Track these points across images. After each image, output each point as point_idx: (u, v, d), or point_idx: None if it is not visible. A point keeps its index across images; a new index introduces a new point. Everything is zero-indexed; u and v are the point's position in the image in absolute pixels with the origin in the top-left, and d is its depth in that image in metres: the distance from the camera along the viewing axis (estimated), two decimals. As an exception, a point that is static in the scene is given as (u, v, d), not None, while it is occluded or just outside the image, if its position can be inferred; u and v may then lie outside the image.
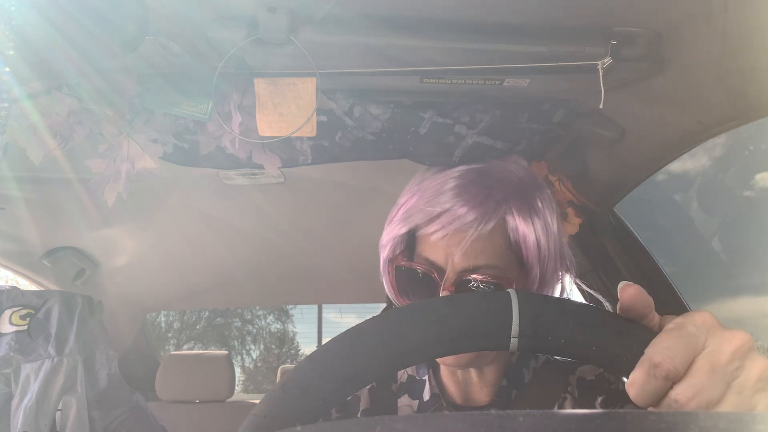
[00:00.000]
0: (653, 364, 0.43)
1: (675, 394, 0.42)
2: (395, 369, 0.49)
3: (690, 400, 0.42)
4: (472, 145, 1.01)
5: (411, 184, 0.91)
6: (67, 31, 0.74)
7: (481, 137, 1.01)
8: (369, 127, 0.99)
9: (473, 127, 0.99)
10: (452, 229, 0.80)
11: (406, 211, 0.86)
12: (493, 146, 1.01)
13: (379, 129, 0.99)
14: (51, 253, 1.83)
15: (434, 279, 0.81)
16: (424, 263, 0.83)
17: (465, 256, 0.80)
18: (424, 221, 0.83)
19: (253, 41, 0.79)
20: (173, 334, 10.83)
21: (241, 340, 11.16)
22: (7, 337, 0.94)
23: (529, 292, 0.49)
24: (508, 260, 0.83)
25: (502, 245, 0.83)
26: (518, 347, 0.47)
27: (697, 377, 0.42)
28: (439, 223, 0.81)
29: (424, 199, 0.85)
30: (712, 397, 0.42)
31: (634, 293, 0.47)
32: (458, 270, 0.80)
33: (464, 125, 0.99)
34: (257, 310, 10.98)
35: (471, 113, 0.99)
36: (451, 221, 0.80)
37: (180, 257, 1.96)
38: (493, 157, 0.98)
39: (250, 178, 1.41)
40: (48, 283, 1.97)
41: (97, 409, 1.00)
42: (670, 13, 0.73)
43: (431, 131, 0.99)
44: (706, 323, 0.45)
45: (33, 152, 0.95)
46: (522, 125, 1.01)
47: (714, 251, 1.80)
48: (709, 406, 0.42)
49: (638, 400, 0.44)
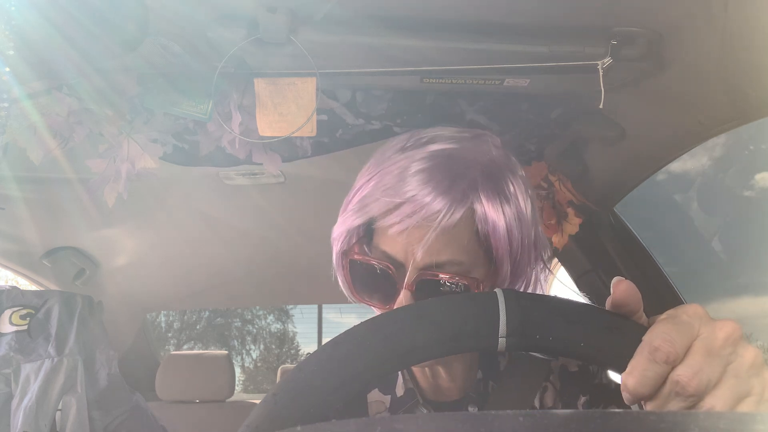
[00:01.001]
0: (653, 348, 0.44)
1: (676, 376, 0.43)
2: (385, 374, 0.49)
3: (691, 380, 0.43)
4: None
5: (369, 165, 0.79)
6: (67, 31, 0.74)
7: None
8: (373, 111, 0.96)
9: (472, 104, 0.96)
10: (413, 222, 0.70)
11: (361, 199, 0.76)
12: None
13: (383, 111, 0.96)
14: (51, 253, 1.83)
15: (392, 276, 0.73)
16: (382, 257, 0.74)
17: (427, 252, 0.71)
18: (382, 212, 0.73)
19: (253, 41, 0.79)
20: (173, 334, 10.83)
21: (241, 340, 11.17)
22: (7, 337, 0.94)
23: (515, 291, 0.49)
24: (476, 255, 0.74)
25: (470, 238, 0.73)
26: (507, 347, 0.47)
27: (696, 359, 0.43)
28: (398, 214, 0.71)
29: (383, 186, 0.74)
30: (711, 378, 0.43)
31: (628, 288, 0.47)
32: (419, 267, 0.72)
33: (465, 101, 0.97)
34: (257, 310, 10.98)
35: (471, 114, 0.99)
36: (411, 213, 0.70)
37: (180, 257, 1.96)
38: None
39: (250, 178, 1.41)
40: (48, 283, 1.97)
41: (97, 409, 1.00)
42: (670, 13, 0.73)
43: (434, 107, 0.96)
44: (698, 313, 0.46)
45: (33, 152, 0.95)
46: (522, 125, 1.01)
47: (714, 251, 1.80)
48: (708, 387, 0.43)
49: (638, 388, 0.44)
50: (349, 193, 0.80)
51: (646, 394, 0.44)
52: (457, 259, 0.73)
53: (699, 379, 0.43)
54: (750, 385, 0.44)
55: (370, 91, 0.95)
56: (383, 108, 0.98)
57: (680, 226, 1.78)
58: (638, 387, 0.44)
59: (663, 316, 0.47)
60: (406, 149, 0.76)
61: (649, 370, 0.44)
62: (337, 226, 0.81)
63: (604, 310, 0.49)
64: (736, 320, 0.46)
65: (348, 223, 0.78)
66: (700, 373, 0.43)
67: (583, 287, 1.43)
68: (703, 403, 0.43)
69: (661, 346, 0.43)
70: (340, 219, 0.80)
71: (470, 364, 0.85)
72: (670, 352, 0.43)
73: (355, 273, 0.79)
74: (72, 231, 1.73)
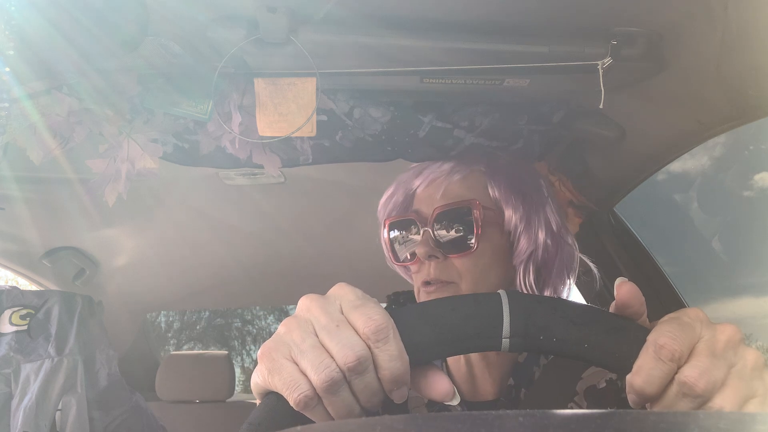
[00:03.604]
0: (659, 346, 0.44)
1: (683, 376, 0.43)
2: None
3: (698, 380, 0.43)
4: (470, 146, 1.01)
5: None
6: (67, 31, 0.74)
7: (480, 138, 1.01)
8: (369, 128, 0.99)
9: (472, 131, 1.00)
10: (431, 177, 0.94)
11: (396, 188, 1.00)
12: (489, 145, 1.01)
13: (378, 131, 0.99)
14: (51, 253, 1.83)
15: (416, 222, 0.93)
16: (412, 214, 0.95)
17: (443, 197, 0.92)
18: (411, 179, 0.97)
19: (253, 41, 0.79)
20: (173, 334, 10.82)
21: (241, 340, 11.16)
22: (7, 337, 0.94)
23: (519, 293, 0.49)
24: (486, 200, 0.93)
25: (481, 192, 0.93)
26: (510, 347, 0.47)
27: (701, 359, 0.44)
28: (422, 176, 0.95)
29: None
30: (717, 379, 0.43)
31: (631, 289, 0.48)
32: (435, 207, 0.91)
33: (463, 129, 0.99)
34: (257, 310, 10.97)
35: (470, 116, 0.99)
36: (430, 173, 0.95)
37: (180, 257, 1.96)
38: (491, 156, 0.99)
39: (250, 178, 1.41)
40: (48, 283, 1.97)
41: (97, 409, 1.00)
42: (670, 13, 0.73)
43: (430, 134, 1.00)
44: (699, 316, 0.47)
45: (33, 152, 0.95)
46: (522, 125, 1.01)
47: (714, 251, 1.80)
48: (715, 388, 0.43)
49: (645, 387, 0.44)
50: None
51: (653, 394, 0.44)
52: (468, 197, 0.92)
53: (707, 379, 0.43)
54: (754, 387, 0.44)
55: (367, 109, 0.97)
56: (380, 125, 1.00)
57: (680, 226, 1.78)
58: (645, 387, 0.44)
59: (664, 319, 0.47)
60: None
61: (656, 369, 0.44)
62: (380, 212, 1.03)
63: (608, 312, 0.49)
64: (736, 321, 0.46)
65: (393, 199, 1.01)
66: (707, 373, 0.43)
67: (583, 287, 1.43)
68: (711, 404, 0.43)
69: (667, 344, 0.44)
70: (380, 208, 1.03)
71: (507, 370, 0.90)
72: (675, 350, 0.43)
73: (392, 232, 0.98)
74: (72, 231, 1.73)
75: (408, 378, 0.47)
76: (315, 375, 0.44)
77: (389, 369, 0.45)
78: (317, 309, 0.48)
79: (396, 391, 0.47)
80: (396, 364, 0.45)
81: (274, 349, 0.47)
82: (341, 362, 0.44)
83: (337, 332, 0.46)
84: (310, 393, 0.44)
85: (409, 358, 0.47)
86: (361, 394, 0.46)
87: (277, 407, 0.46)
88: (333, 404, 0.45)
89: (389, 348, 0.45)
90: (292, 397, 0.44)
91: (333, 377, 0.44)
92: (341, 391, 0.45)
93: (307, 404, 0.45)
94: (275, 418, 0.46)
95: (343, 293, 0.49)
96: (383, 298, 1.02)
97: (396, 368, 0.46)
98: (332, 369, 0.44)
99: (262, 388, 0.48)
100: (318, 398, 0.45)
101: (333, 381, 0.44)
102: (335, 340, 0.45)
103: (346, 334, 0.46)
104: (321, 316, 0.47)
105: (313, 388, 0.45)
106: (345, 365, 0.44)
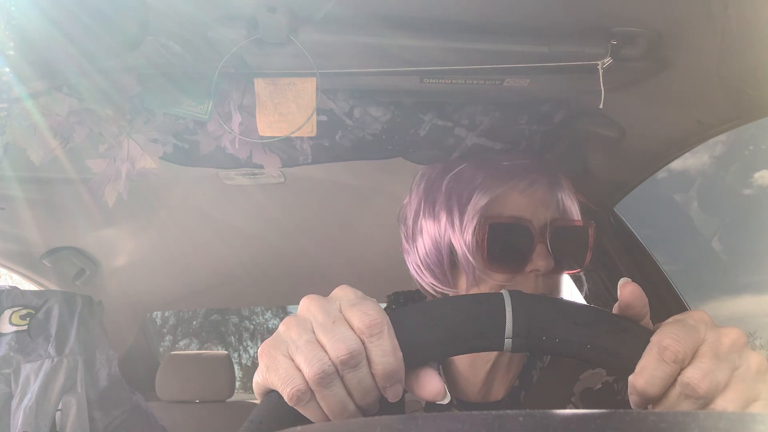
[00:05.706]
0: (662, 347, 0.44)
1: (686, 377, 0.43)
2: None
3: (701, 381, 0.43)
4: (472, 146, 1.01)
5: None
6: (67, 31, 0.74)
7: (481, 138, 1.01)
8: (369, 128, 0.99)
9: (473, 130, 0.99)
10: (529, 180, 0.87)
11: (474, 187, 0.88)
12: (492, 147, 1.01)
13: (378, 130, 0.99)
14: (51, 253, 1.83)
15: (530, 232, 0.83)
16: (524, 221, 0.84)
17: (544, 205, 0.86)
18: (498, 183, 0.88)
19: (253, 41, 0.79)
20: (168, 330, 10.79)
21: (238, 336, 11.14)
22: (7, 337, 0.94)
23: (521, 292, 0.49)
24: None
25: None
26: (513, 347, 0.47)
27: (704, 361, 0.44)
28: (513, 176, 0.88)
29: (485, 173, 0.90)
30: (720, 381, 0.43)
31: (635, 290, 0.48)
32: (552, 219, 0.85)
33: (464, 128, 0.99)
34: (255, 306, 10.96)
35: (471, 115, 0.99)
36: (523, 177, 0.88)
37: (180, 257, 1.96)
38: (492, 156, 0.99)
39: (251, 178, 1.41)
40: (48, 283, 1.97)
41: (97, 409, 1.00)
42: (670, 13, 0.73)
43: (431, 133, 0.99)
44: (703, 319, 0.47)
45: (33, 152, 0.95)
46: (522, 125, 1.01)
47: (714, 251, 1.80)
48: (717, 390, 0.43)
49: (647, 388, 0.44)
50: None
51: (655, 395, 0.44)
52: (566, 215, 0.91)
53: (710, 381, 0.43)
54: (757, 389, 0.44)
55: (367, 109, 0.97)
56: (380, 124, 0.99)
57: (680, 225, 1.78)
58: (647, 387, 0.44)
59: (668, 321, 0.47)
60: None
61: (659, 370, 0.44)
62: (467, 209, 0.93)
63: (611, 313, 0.49)
64: (736, 319, 0.46)
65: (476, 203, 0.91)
66: (710, 375, 0.43)
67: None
68: (713, 406, 0.43)
69: (670, 345, 0.44)
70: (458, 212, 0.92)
71: (516, 372, 0.88)
72: (679, 351, 0.43)
73: (493, 236, 0.85)
74: (72, 231, 1.73)
75: (402, 375, 0.47)
76: (308, 368, 0.44)
77: (382, 364, 0.46)
78: (316, 308, 0.49)
79: (390, 389, 0.47)
80: (389, 359, 0.46)
81: (272, 346, 0.48)
82: (334, 356, 0.45)
83: (332, 328, 0.46)
84: (302, 387, 0.45)
85: (411, 358, 0.47)
86: (355, 390, 0.46)
87: (279, 405, 0.46)
88: (326, 399, 0.45)
89: (382, 343, 0.46)
90: (285, 391, 0.45)
91: (324, 370, 0.44)
92: (334, 385, 0.45)
93: (300, 398, 0.45)
94: (276, 416, 0.46)
95: (343, 294, 0.50)
96: (384, 298, 1.02)
97: (389, 363, 0.46)
98: (324, 362, 0.44)
99: (263, 387, 0.48)
100: (311, 393, 0.45)
101: (324, 374, 0.44)
102: (329, 335, 0.46)
103: (340, 330, 0.46)
104: (319, 314, 0.48)
105: (306, 382, 0.45)
106: (337, 358, 0.45)
